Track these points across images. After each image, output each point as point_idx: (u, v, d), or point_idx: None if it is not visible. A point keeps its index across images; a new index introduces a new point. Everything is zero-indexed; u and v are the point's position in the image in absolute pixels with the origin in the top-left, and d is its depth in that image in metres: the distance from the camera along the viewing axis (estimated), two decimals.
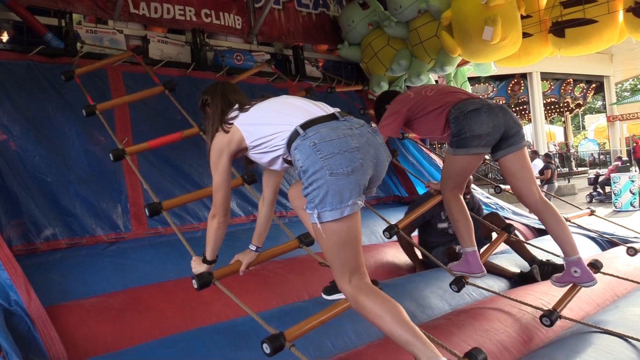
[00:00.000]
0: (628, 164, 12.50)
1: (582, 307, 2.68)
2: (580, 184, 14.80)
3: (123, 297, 2.64)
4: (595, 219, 3.81)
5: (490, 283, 3.16)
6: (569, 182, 15.51)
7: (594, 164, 21.73)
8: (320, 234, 1.73)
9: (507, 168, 2.65)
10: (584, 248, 3.89)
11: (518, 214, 4.78)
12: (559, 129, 24.32)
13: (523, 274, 3.30)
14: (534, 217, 3.99)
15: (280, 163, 1.91)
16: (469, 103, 2.58)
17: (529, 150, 13.21)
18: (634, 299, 2.82)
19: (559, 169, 18.69)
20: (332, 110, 1.85)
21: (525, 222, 4.66)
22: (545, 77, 16.23)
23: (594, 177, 12.68)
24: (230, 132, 1.93)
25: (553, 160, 13.26)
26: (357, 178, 1.69)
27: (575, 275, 2.53)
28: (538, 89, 15.76)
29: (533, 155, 12.04)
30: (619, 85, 26.70)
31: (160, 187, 3.53)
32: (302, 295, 2.95)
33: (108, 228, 3.36)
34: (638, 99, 19.74)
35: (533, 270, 3.22)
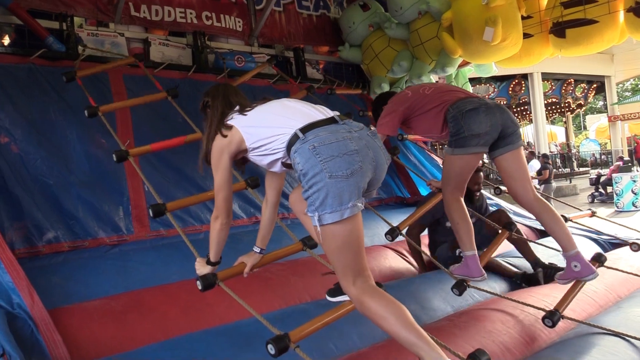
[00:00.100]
0: (630, 164, 12.47)
1: (584, 308, 2.68)
2: (582, 185, 14.78)
3: (125, 299, 2.64)
4: (597, 220, 3.80)
5: (492, 285, 3.16)
6: (571, 182, 15.49)
7: (596, 164, 21.70)
8: (322, 237, 1.74)
9: (503, 167, 2.67)
10: (586, 250, 3.88)
11: (520, 215, 4.76)
12: (560, 130, 24.29)
13: (527, 275, 3.29)
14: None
15: (280, 166, 1.92)
16: (467, 102, 2.59)
17: (526, 151, 13.22)
18: (637, 300, 2.81)
19: (561, 170, 18.70)
20: (331, 114, 1.86)
21: (527, 223, 4.64)
22: (546, 77, 16.21)
23: (596, 177, 12.67)
24: (230, 133, 1.94)
25: (550, 161, 13.27)
26: (356, 180, 1.70)
27: (576, 270, 2.53)
28: (539, 90, 15.75)
29: (530, 156, 12.05)
30: (620, 85, 26.68)
31: (163, 190, 3.53)
32: (304, 298, 2.96)
33: (110, 230, 3.36)
34: (639, 99, 19.72)
35: (538, 274, 3.19)
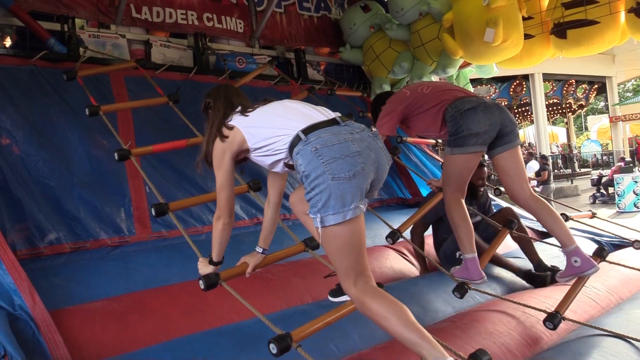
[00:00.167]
0: (631, 165, 12.44)
1: (586, 310, 2.68)
2: (583, 185, 14.77)
3: (127, 300, 2.64)
4: (598, 221, 3.79)
5: (494, 286, 3.15)
6: (572, 183, 15.46)
7: (597, 165, 21.66)
8: (324, 239, 1.74)
9: (501, 166, 2.68)
10: (587, 250, 3.87)
11: (522, 217, 4.76)
12: (562, 130, 24.27)
13: (533, 274, 3.25)
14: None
15: (282, 167, 1.93)
16: (466, 101, 2.60)
17: (525, 152, 13.22)
18: (639, 302, 2.81)
19: (562, 170, 18.68)
20: (333, 115, 1.87)
21: (530, 224, 4.64)
22: (548, 78, 16.22)
23: (597, 178, 12.64)
24: (232, 133, 1.94)
25: (549, 162, 13.30)
26: (358, 182, 1.71)
27: (576, 265, 2.53)
28: (540, 90, 15.75)
29: (529, 157, 12.06)
30: (622, 86, 26.66)
31: (164, 191, 3.52)
32: (305, 299, 2.96)
33: (112, 232, 3.36)
34: None
35: (546, 277, 3.15)
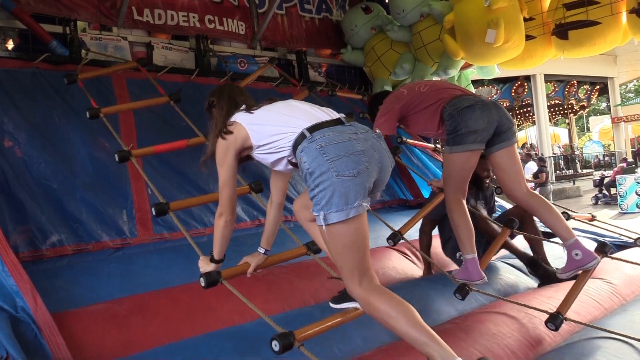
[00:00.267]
0: (633, 166, 12.45)
1: (589, 311, 2.67)
2: (586, 186, 14.74)
3: (129, 303, 2.64)
4: (597, 223, 3.78)
5: (496, 287, 3.14)
6: (574, 184, 15.43)
7: (599, 166, 21.61)
8: (328, 237, 1.75)
9: (498, 163, 2.69)
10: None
11: None
12: (564, 131, 24.24)
13: (536, 262, 3.24)
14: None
15: (285, 164, 1.93)
16: (463, 100, 2.61)
17: (523, 153, 13.22)
18: None
19: (564, 171, 18.65)
20: (337, 116, 1.88)
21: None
22: (549, 79, 16.22)
23: (599, 179, 12.62)
24: (235, 130, 1.94)
25: (547, 164, 13.33)
26: (362, 180, 1.71)
27: (577, 259, 2.51)
28: (542, 91, 15.74)
29: (527, 158, 12.05)
30: (623, 87, 26.63)
31: (165, 192, 3.52)
32: (308, 301, 2.95)
33: (114, 234, 3.37)
34: None
35: (560, 275, 3.12)
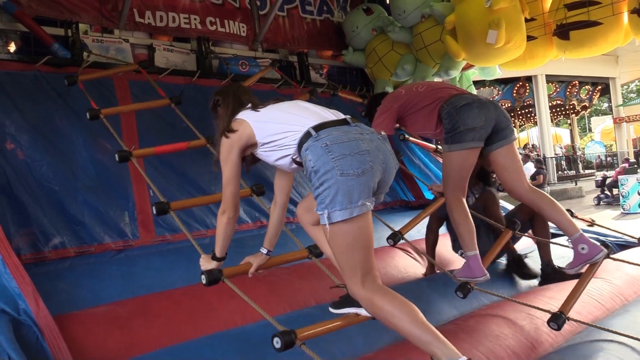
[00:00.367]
0: (636, 166, 12.40)
1: (590, 311, 2.66)
2: (588, 187, 14.71)
3: (131, 305, 2.64)
4: (600, 221, 3.78)
5: (498, 288, 3.14)
6: (576, 184, 15.41)
7: (601, 166, 21.57)
8: (331, 236, 1.75)
9: (498, 162, 2.70)
10: None
11: None
12: (565, 132, 24.21)
13: (526, 268, 3.27)
14: None
15: (289, 163, 1.93)
16: (461, 98, 2.64)
17: (523, 154, 13.23)
18: None
19: (566, 172, 18.62)
20: (343, 116, 1.90)
21: None
22: (551, 79, 16.19)
23: (602, 179, 12.60)
24: (241, 127, 1.95)
25: (544, 166, 13.36)
26: (366, 180, 1.72)
27: (584, 252, 2.51)
28: (543, 92, 15.72)
29: (525, 159, 12.06)
30: (625, 87, 26.59)
31: (167, 193, 3.51)
32: (309, 302, 2.95)
33: (116, 236, 3.37)
34: None
35: (567, 270, 3.10)
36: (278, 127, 1.89)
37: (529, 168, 10.95)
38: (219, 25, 4.54)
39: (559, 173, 17.50)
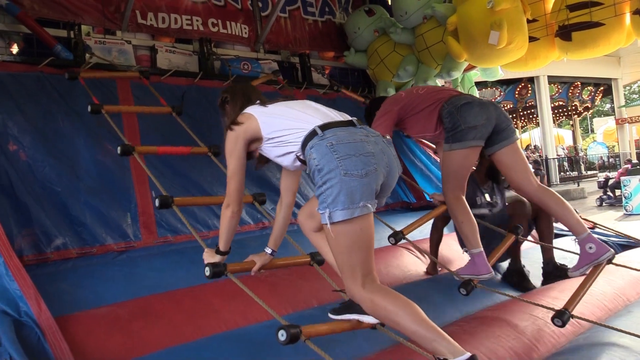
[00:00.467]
0: (638, 167, 12.36)
1: (593, 311, 2.66)
2: (590, 188, 14.67)
3: (133, 306, 2.64)
4: (601, 222, 3.77)
5: (499, 289, 3.13)
6: (579, 185, 15.38)
7: (604, 167, 21.52)
8: (331, 236, 1.75)
9: (503, 162, 2.71)
10: None
11: None
12: (568, 133, 24.16)
13: (520, 278, 3.27)
14: None
15: (292, 160, 1.93)
16: (461, 98, 2.68)
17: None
18: None
19: (568, 173, 18.58)
20: (350, 118, 1.91)
21: None
22: (553, 80, 16.16)
23: (604, 180, 12.56)
24: (248, 120, 1.95)
25: (542, 167, 13.35)
26: (369, 181, 1.73)
27: (591, 252, 2.51)
28: (545, 93, 15.69)
29: None
30: (627, 88, 26.52)
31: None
32: (311, 302, 2.94)
33: (118, 237, 3.37)
34: None
35: (572, 273, 3.07)
36: (284, 123, 1.90)
37: None
38: (221, 27, 4.55)
39: (561, 174, 17.45)
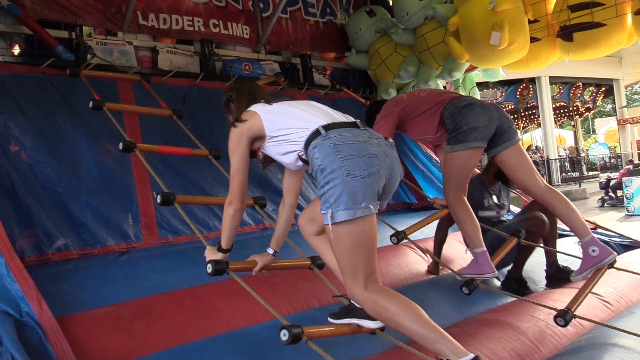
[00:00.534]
0: None
1: (595, 313, 2.65)
2: (592, 188, 14.65)
3: (134, 306, 2.64)
4: (603, 223, 3.77)
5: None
6: (580, 186, 15.36)
7: (605, 168, 21.49)
8: (334, 236, 1.75)
9: (507, 163, 2.71)
10: None
11: None
12: (569, 133, 24.13)
13: (519, 285, 3.26)
14: None
15: (294, 159, 1.93)
16: (463, 99, 2.69)
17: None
18: None
19: (570, 174, 18.55)
20: (353, 120, 1.91)
21: None
22: (554, 81, 16.14)
23: (606, 181, 12.53)
24: (252, 118, 1.95)
25: (540, 168, 13.30)
26: (372, 182, 1.73)
27: (594, 255, 2.51)
28: (547, 93, 15.67)
29: None
30: (629, 88, 26.48)
31: None
32: (312, 303, 2.94)
33: (119, 238, 3.38)
34: None
35: (574, 277, 3.04)
36: (288, 121, 1.90)
37: None
38: (222, 28, 4.55)
39: (563, 175, 17.42)
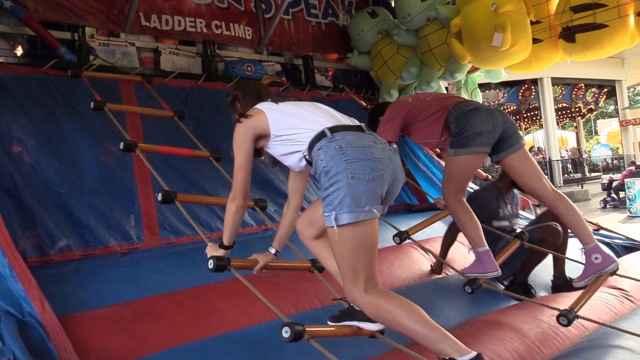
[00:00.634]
0: None
1: (599, 315, 2.65)
2: (594, 190, 14.62)
3: (135, 306, 2.64)
4: (605, 224, 3.76)
5: (502, 295, 3.12)
6: (582, 187, 15.33)
7: (607, 169, 21.46)
8: (336, 239, 1.74)
9: (513, 167, 2.70)
10: None
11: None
12: (571, 134, 24.10)
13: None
14: None
15: (298, 160, 1.93)
16: (468, 104, 2.69)
17: None
18: None
19: (572, 175, 18.53)
20: (359, 123, 1.91)
21: None
22: (556, 82, 16.11)
23: (608, 182, 12.50)
24: (257, 115, 1.95)
25: (543, 168, 13.28)
26: (376, 186, 1.73)
27: (597, 262, 2.51)
28: (549, 95, 15.64)
29: None
30: (631, 90, 26.45)
31: None
32: (314, 303, 2.94)
33: (121, 239, 3.38)
34: None
35: (576, 283, 2.90)
36: (294, 121, 1.90)
37: None
38: (225, 29, 4.56)
39: (565, 176, 17.40)
